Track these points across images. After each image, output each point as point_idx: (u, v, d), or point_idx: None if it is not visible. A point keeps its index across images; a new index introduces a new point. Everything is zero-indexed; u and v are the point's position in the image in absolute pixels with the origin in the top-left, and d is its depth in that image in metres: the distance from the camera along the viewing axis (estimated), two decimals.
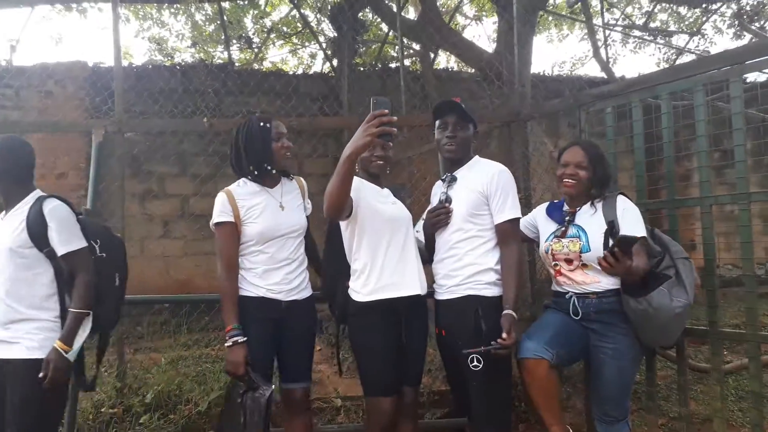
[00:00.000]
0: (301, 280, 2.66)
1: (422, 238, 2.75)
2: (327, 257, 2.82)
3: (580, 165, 2.73)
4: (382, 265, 2.52)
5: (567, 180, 2.75)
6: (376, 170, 2.64)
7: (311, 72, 9.29)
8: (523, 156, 3.72)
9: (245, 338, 2.43)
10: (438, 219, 2.63)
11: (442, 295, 2.64)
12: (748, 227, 2.69)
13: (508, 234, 2.55)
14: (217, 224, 2.54)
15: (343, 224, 2.60)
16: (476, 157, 2.71)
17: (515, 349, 2.56)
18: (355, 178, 2.38)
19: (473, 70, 5.78)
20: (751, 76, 6.38)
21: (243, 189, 2.61)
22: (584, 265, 2.67)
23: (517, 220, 2.57)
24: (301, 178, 2.84)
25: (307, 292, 2.69)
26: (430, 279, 2.69)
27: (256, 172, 2.60)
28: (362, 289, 2.55)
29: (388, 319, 2.52)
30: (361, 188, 2.54)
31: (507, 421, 2.58)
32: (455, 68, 9.13)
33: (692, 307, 2.57)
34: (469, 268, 2.55)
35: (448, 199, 2.64)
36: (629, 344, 2.62)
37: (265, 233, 2.55)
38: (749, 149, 2.80)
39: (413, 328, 2.59)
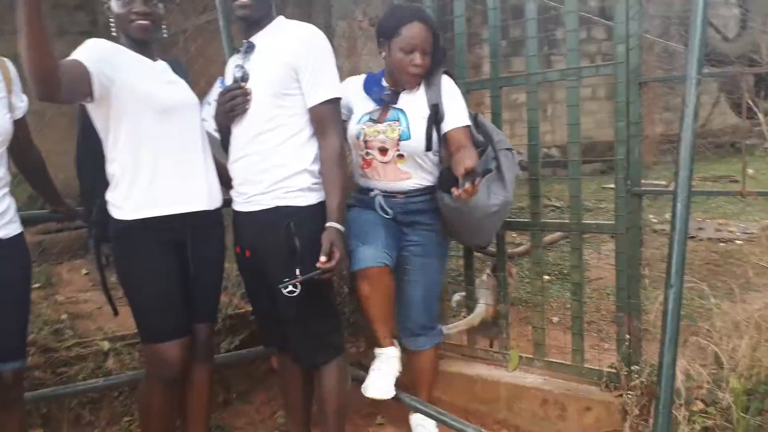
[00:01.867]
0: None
1: (214, 131, 2.11)
2: (80, 159, 2.08)
3: (426, 50, 2.21)
4: (153, 170, 1.89)
5: (414, 69, 2.22)
6: (138, 34, 1.92)
7: None
8: (325, 27, 3.09)
9: None
10: (233, 104, 1.95)
11: (241, 205, 2.05)
12: (577, 107, 2.44)
13: (326, 121, 1.95)
14: None
15: (92, 110, 1.87)
16: (280, 18, 2.02)
17: (347, 262, 2.09)
18: (107, 43, 1.88)
19: None
20: None
21: None
22: (400, 156, 2.24)
23: (337, 100, 1.99)
24: (4, 59, 1.91)
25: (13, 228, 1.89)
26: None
27: None
28: (124, 203, 1.90)
29: (164, 244, 1.92)
30: (117, 59, 1.84)
31: (336, 348, 2.14)
32: None
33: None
34: (278, 170, 1.95)
35: (245, 76, 1.97)
36: (436, 241, 2.36)
37: None
38: None
39: (202, 254, 2.00)
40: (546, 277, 3.05)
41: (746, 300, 2.48)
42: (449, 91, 2.26)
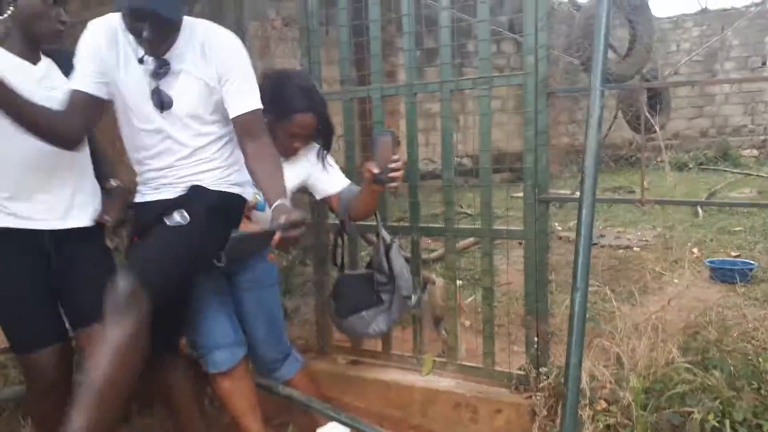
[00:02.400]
0: None
1: None
2: None
3: (309, 135, 2.29)
4: (17, 183, 1.83)
5: (293, 151, 2.29)
6: (50, 40, 1.84)
7: None
8: (236, 27, 2.99)
9: None
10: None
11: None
12: (489, 115, 2.49)
13: (256, 124, 1.85)
14: None
15: None
16: (189, 21, 1.83)
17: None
18: None
19: None
20: None
21: None
22: (247, 218, 2.18)
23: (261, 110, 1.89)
24: None
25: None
26: None
27: None
28: None
29: (23, 253, 1.86)
30: None
31: None
32: None
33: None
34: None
35: (168, 103, 1.80)
36: (267, 268, 2.33)
37: None
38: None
39: (71, 255, 1.93)
40: (458, 282, 3.08)
41: (644, 303, 2.62)
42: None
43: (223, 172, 1.90)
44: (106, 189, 2.06)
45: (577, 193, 2.02)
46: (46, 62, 1.89)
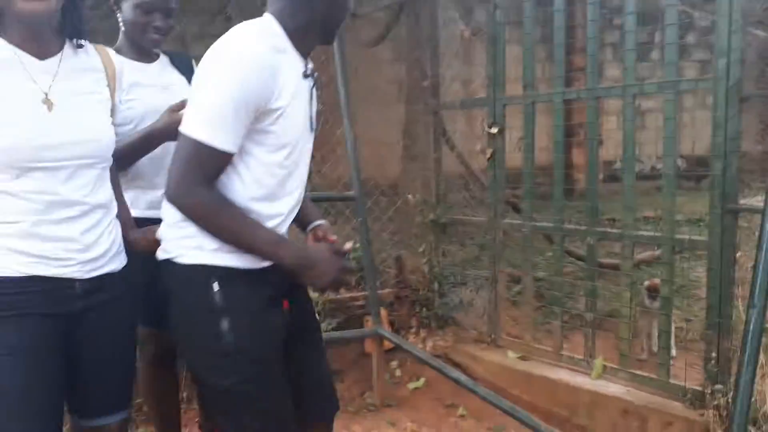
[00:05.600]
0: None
1: None
2: None
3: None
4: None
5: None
6: (149, 45, 1.97)
7: None
8: (430, 37, 3.24)
9: None
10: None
11: None
12: (673, 120, 2.42)
13: None
14: None
15: None
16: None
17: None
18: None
19: None
20: None
21: None
22: None
23: None
24: (108, 49, 1.60)
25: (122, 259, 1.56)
26: None
27: None
28: None
29: None
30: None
31: None
32: None
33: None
34: None
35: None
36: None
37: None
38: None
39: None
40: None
41: None
42: None
43: None
44: None
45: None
46: (160, 62, 2.04)
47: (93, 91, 1.43)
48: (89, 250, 1.38)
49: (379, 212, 3.83)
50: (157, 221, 1.50)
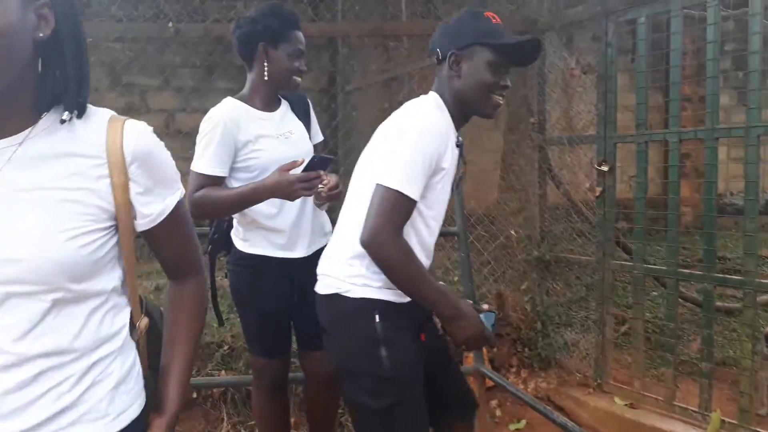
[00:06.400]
0: None
1: None
2: None
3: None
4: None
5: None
6: (293, 89, 2.09)
7: None
8: (538, 74, 3.24)
9: None
10: None
11: None
12: None
13: None
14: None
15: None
16: None
17: None
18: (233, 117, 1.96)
19: None
20: None
21: None
22: None
23: None
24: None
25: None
26: None
27: None
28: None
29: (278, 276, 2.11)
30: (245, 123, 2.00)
31: None
32: None
33: None
34: None
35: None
36: None
37: None
38: None
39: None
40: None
41: None
42: None
43: None
44: None
45: None
46: (282, 108, 2.13)
47: (61, 187, 0.94)
48: (11, 418, 0.91)
49: (480, 246, 3.82)
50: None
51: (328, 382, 2.18)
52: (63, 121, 0.96)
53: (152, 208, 1.05)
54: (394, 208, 1.50)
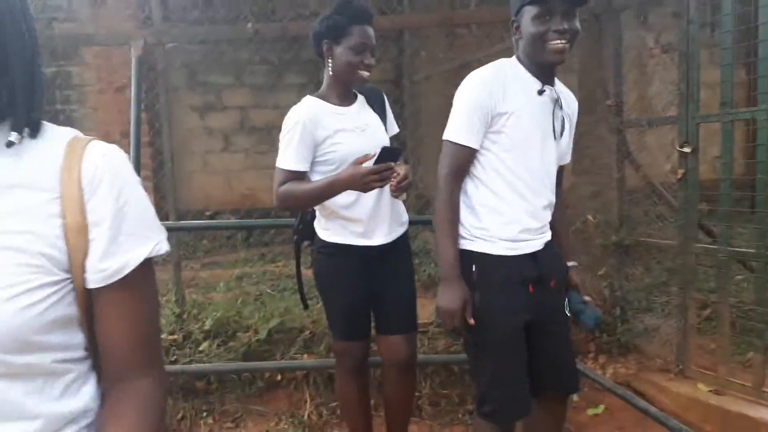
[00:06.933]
0: None
1: None
2: None
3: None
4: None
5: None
6: (359, 83, 2.16)
7: None
8: (615, 55, 3.17)
9: None
10: None
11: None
12: None
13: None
14: None
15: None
16: None
17: None
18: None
19: None
20: None
21: None
22: None
23: None
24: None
25: None
26: None
27: None
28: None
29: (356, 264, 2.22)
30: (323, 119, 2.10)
31: None
32: None
33: None
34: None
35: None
36: None
37: None
38: None
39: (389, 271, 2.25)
40: None
41: None
42: None
43: None
44: None
45: None
46: (358, 102, 2.21)
47: None
48: None
49: None
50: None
51: (404, 365, 2.27)
52: (10, 144, 0.74)
53: (110, 261, 0.77)
54: (448, 156, 1.80)
